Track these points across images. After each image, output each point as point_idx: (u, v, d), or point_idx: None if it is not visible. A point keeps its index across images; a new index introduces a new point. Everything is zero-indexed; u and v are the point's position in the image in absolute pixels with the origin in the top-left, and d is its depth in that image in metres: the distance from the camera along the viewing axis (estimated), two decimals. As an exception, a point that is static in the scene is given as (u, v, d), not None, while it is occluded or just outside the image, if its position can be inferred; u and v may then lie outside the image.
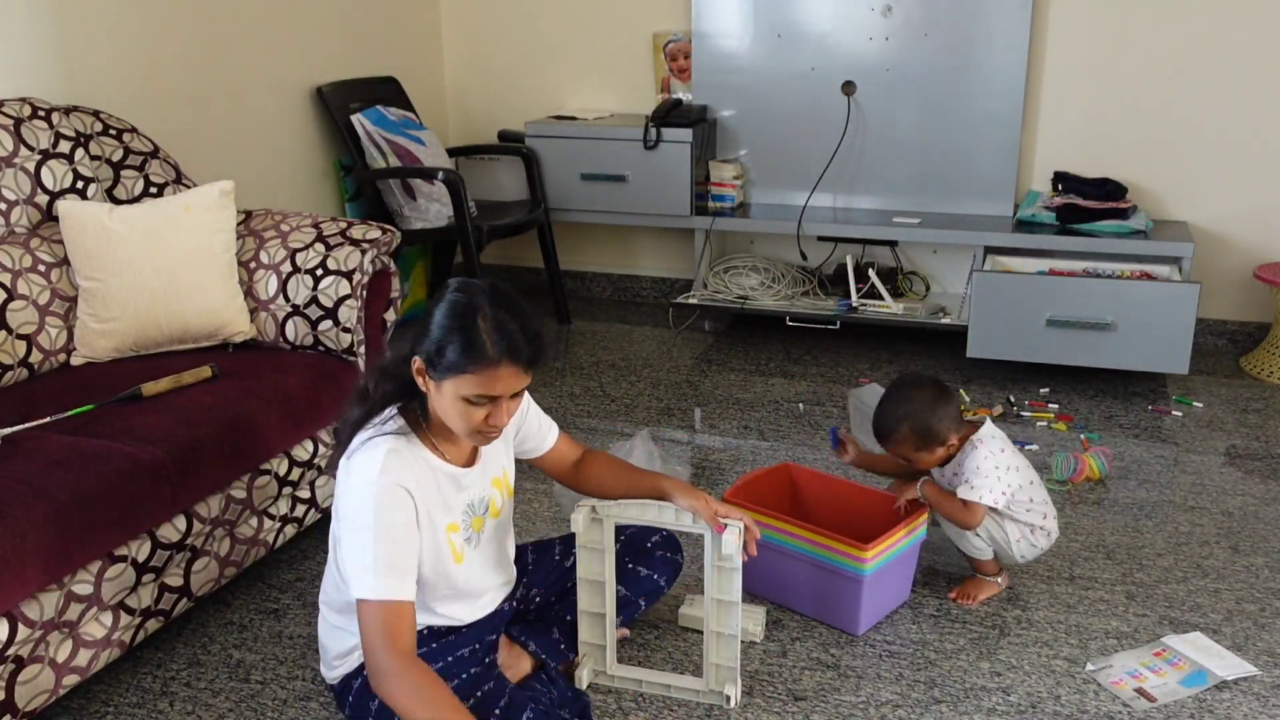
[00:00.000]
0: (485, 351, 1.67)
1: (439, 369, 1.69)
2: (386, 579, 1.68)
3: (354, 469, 1.74)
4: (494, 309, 1.69)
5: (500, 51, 4.54)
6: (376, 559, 1.68)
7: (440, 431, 1.82)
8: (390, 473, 1.71)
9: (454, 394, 1.70)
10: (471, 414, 1.72)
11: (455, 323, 1.68)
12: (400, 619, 1.68)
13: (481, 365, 1.67)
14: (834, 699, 2.06)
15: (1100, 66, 3.85)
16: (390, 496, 1.70)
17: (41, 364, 2.46)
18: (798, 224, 3.97)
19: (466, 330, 1.67)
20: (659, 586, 2.18)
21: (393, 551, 1.70)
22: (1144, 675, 2.11)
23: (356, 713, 1.88)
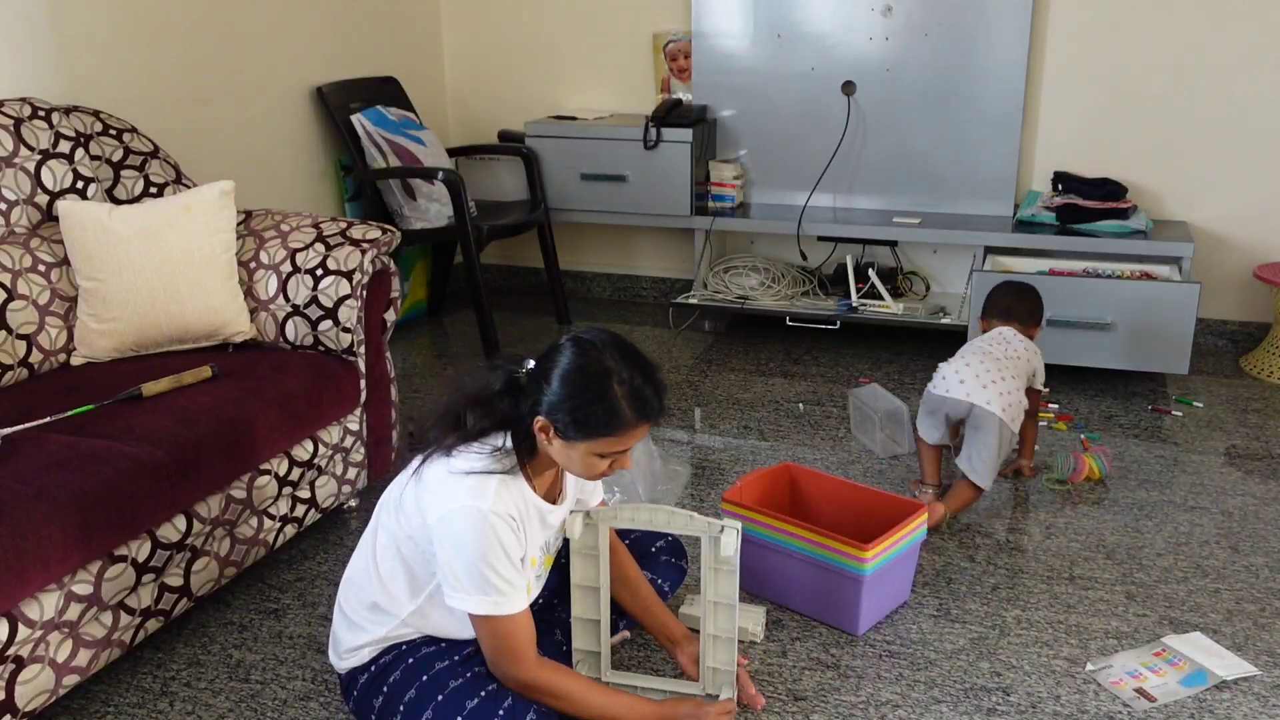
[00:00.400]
0: (625, 417, 1.71)
1: (573, 431, 1.72)
2: (495, 597, 1.74)
3: (457, 494, 1.74)
4: (626, 369, 1.72)
5: (500, 51, 4.54)
6: (487, 580, 1.73)
7: (539, 468, 1.84)
8: (500, 504, 1.74)
9: (587, 451, 1.74)
10: (599, 466, 1.77)
11: (592, 390, 1.70)
12: (516, 630, 1.78)
13: (621, 429, 1.72)
14: (834, 699, 2.06)
15: (1100, 66, 3.85)
16: (500, 525, 1.73)
17: (41, 364, 2.46)
18: (798, 224, 3.97)
19: (605, 399, 1.70)
20: (663, 591, 2.18)
21: (500, 575, 1.74)
22: (1144, 675, 2.11)
23: (360, 707, 1.89)
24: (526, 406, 1.76)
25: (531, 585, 1.87)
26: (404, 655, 1.86)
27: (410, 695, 1.80)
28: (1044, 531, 2.68)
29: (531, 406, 1.75)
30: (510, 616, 1.77)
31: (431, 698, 1.78)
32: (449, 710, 1.76)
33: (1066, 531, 2.67)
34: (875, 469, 3.02)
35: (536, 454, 1.81)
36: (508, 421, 1.79)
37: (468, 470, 1.75)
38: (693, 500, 2.84)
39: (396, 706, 1.81)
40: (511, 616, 1.77)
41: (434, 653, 1.85)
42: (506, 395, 1.79)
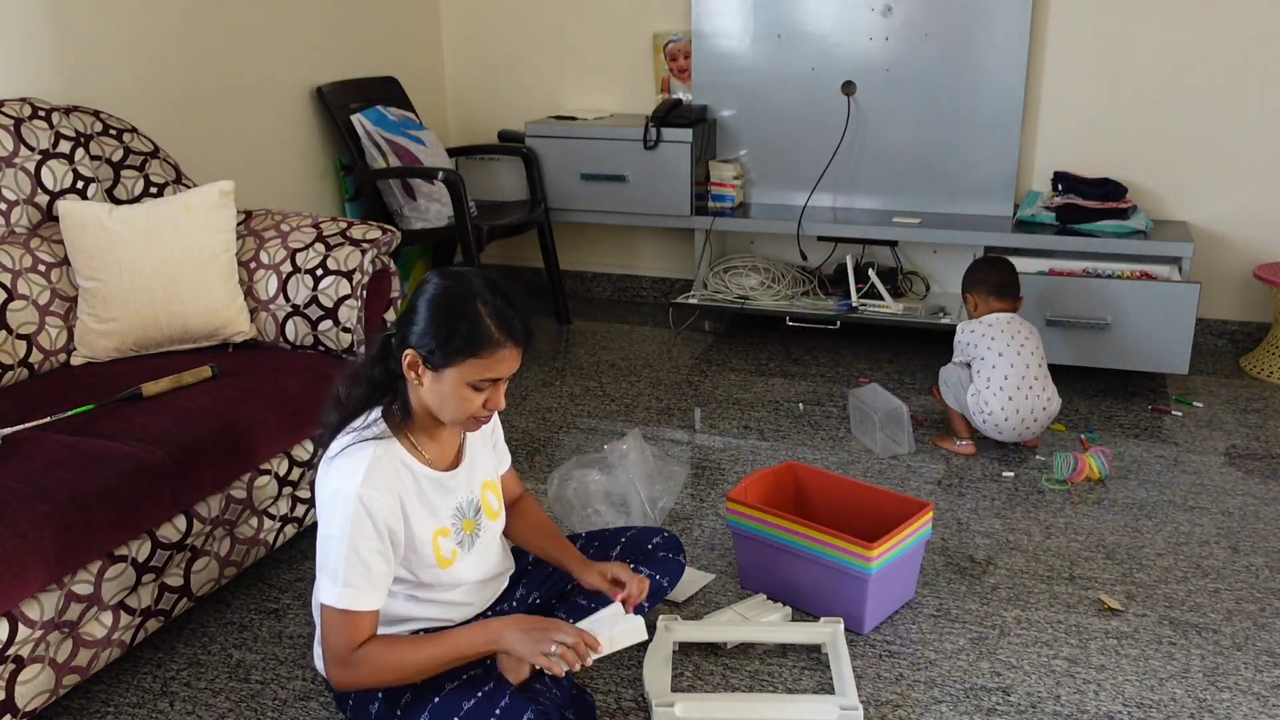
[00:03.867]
0: (491, 334, 1.70)
1: (440, 357, 1.71)
2: (351, 589, 1.72)
3: (332, 475, 1.75)
4: (489, 293, 1.73)
5: (500, 52, 4.54)
6: (346, 568, 1.72)
7: (422, 431, 1.83)
8: (370, 484, 1.72)
9: (457, 381, 1.72)
10: (472, 400, 1.74)
11: (456, 310, 1.70)
12: (361, 626, 1.74)
13: (488, 348, 1.70)
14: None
15: (1100, 66, 3.85)
16: (366, 508, 1.72)
17: (41, 364, 2.46)
18: (798, 224, 3.97)
19: (469, 316, 1.70)
20: (662, 587, 2.18)
21: (361, 563, 1.72)
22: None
23: (357, 714, 1.88)
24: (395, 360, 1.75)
25: (455, 555, 1.87)
26: None
27: (406, 698, 1.80)
28: (1044, 531, 2.68)
29: (399, 346, 1.74)
30: (358, 613, 1.73)
31: (427, 700, 1.77)
32: (445, 712, 1.75)
33: (1066, 531, 2.68)
34: (875, 469, 3.02)
35: (411, 418, 1.79)
36: (380, 387, 1.79)
37: (338, 450, 1.75)
38: (693, 500, 2.84)
39: (394, 711, 1.81)
40: (359, 613, 1.73)
41: None
42: (378, 362, 1.79)
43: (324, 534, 1.75)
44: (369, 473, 1.72)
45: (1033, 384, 3.00)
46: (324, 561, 1.75)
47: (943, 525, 2.70)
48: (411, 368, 1.74)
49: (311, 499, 2.52)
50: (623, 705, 2.03)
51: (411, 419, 1.81)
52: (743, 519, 2.35)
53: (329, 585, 1.74)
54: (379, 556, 1.75)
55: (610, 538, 2.22)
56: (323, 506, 1.76)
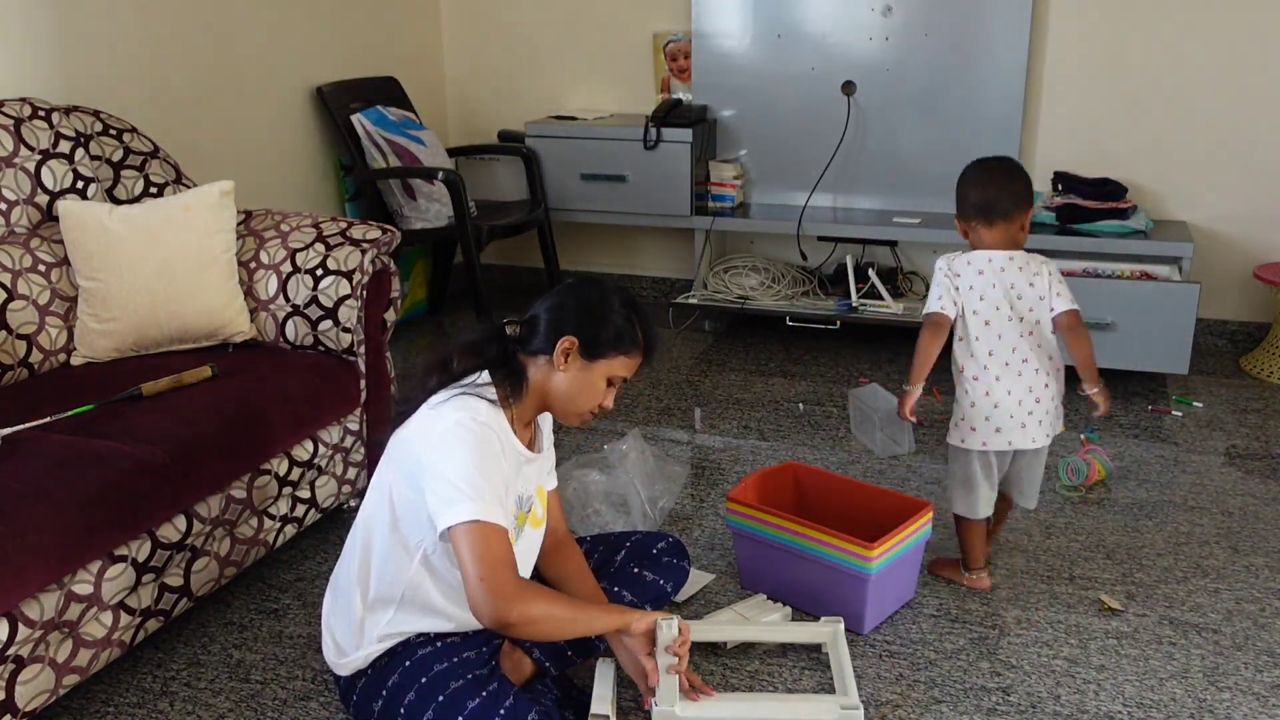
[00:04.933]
0: (638, 338, 1.90)
1: (596, 348, 1.85)
2: (488, 503, 1.73)
3: (448, 412, 1.78)
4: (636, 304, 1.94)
5: (500, 51, 4.54)
6: (480, 485, 1.73)
7: (523, 414, 1.90)
8: (489, 421, 1.79)
9: (603, 374, 1.87)
10: (601, 394, 1.89)
11: (616, 310, 1.88)
12: (505, 541, 1.75)
13: (634, 349, 1.89)
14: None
15: (1100, 66, 3.85)
16: (489, 436, 1.78)
17: (41, 364, 2.46)
18: (798, 224, 3.97)
19: (628, 318, 1.88)
20: (665, 592, 2.18)
21: (490, 482, 1.75)
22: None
23: (360, 711, 1.88)
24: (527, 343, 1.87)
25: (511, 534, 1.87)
26: (402, 657, 1.85)
27: (410, 698, 1.80)
28: (1044, 531, 2.68)
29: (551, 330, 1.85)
30: (498, 526, 1.73)
31: (432, 699, 1.77)
32: (449, 711, 1.75)
33: (1066, 531, 2.67)
34: (875, 469, 3.02)
35: (521, 397, 1.87)
36: (494, 364, 1.87)
37: (450, 397, 1.80)
38: (693, 500, 2.84)
39: (396, 709, 1.81)
40: (499, 527, 1.73)
41: (432, 654, 1.85)
42: (495, 341, 1.89)
43: (448, 460, 1.73)
44: (489, 413, 1.80)
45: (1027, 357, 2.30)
46: (451, 486, 1.72)
47: (943, 525, 2.70)
48: (565, 353, 1.85)
49: (311, 499, 2.52)
50: (623, 705, 2.03)
51: (519, 401, 1.88)
52: (743, 519, 2.35)
53: (463, 504, 1.71)
54: (501, 482, 1.78)
55: (615, 542, 2.22)
56: (442, 438, 1.75)
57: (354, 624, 1.89)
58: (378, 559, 1.86)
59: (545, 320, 1.87)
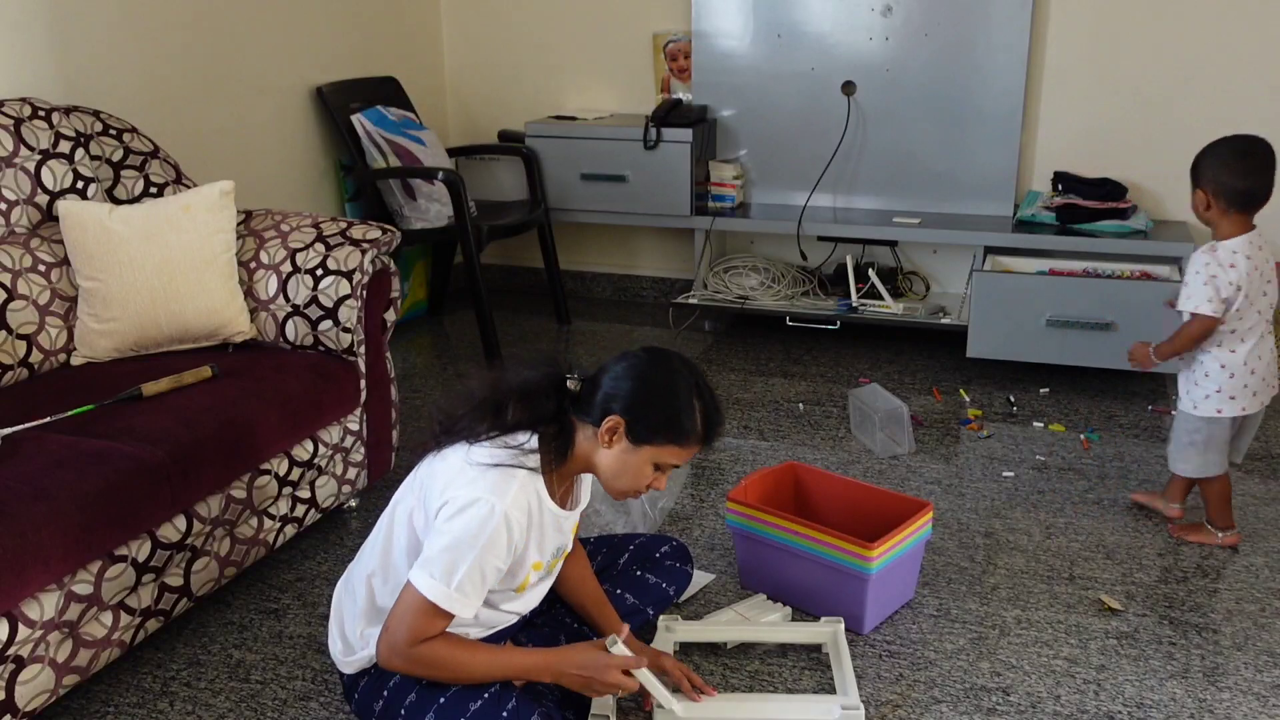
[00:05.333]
0: (697, 430, 1.78)
1: (645, 434, 1.76)
2: (460, 595, 1.70)
3: (482, 484, 1.72)
4: (702, 387, 1.80)
5: (500, 51, 4.54)
6: (466, 574, 1.70)
7: (563, 473, 1.84)
8: (517, 507, 1.73)
9: (648, 458, 1.78)
10: (647, 477, 1.80)
11: (675, 395, 1.76)
12: (436, 628, 1.73)
13: (690, 441, 1.78)
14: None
15: (1100, 66, 3.85)
16: (509, 528, 1.72)
17: (41, 364, 2.46)
18: (798, 224, 3.97)
19: (685, 409, 1.76)
20: (668, 596, 2.18)
21: (480, 574, 1.72)
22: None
23: (362, 710, 1.88)
24: (584, 410, 1.79)
25: (531, 583, 1.87)
26: None
27: (411, 699, 1.80)
28: (1044, 531, 2.68)
29: (600, 407, 1.77)
30: (446, 614, 1.73)
31: (434, 700, 1.77)
32: (452, 713, 1.75)
33: (1066, 531, 2.68)
34: (875, 469, 3.02)
35: (567, 459, 1.81)
36: (544, 420, 1.80)
37: (494, 463, 1.74)
38: (693, 500, 2.84)
39: (398, 710, 1.81)
40: (444, 615, 1.73)
41: None
42: (552, 395, 1.81)
43: (455, 532, 1.71)
44: (518, 495, 1.73)
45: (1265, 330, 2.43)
46: (442, 557, 1.70)
47: (943, 525, 2.70)
48: (611, 430, 1.77)
49: (311, 499, 2.52)
50: (623, 705, 2.03)
51: (565, 463, 1.82)
52: (743, 519, 2.35)
53: (438, 582, 1.70)
54: (496, 573, 1.75)
55: (618, 545, 2.22)
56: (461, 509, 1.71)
57: (364, 625, 1.88)
58: (397, 573, 1.85)
59: (602, 390, 1.79)
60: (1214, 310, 2.39)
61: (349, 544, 2.64)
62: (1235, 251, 2.40)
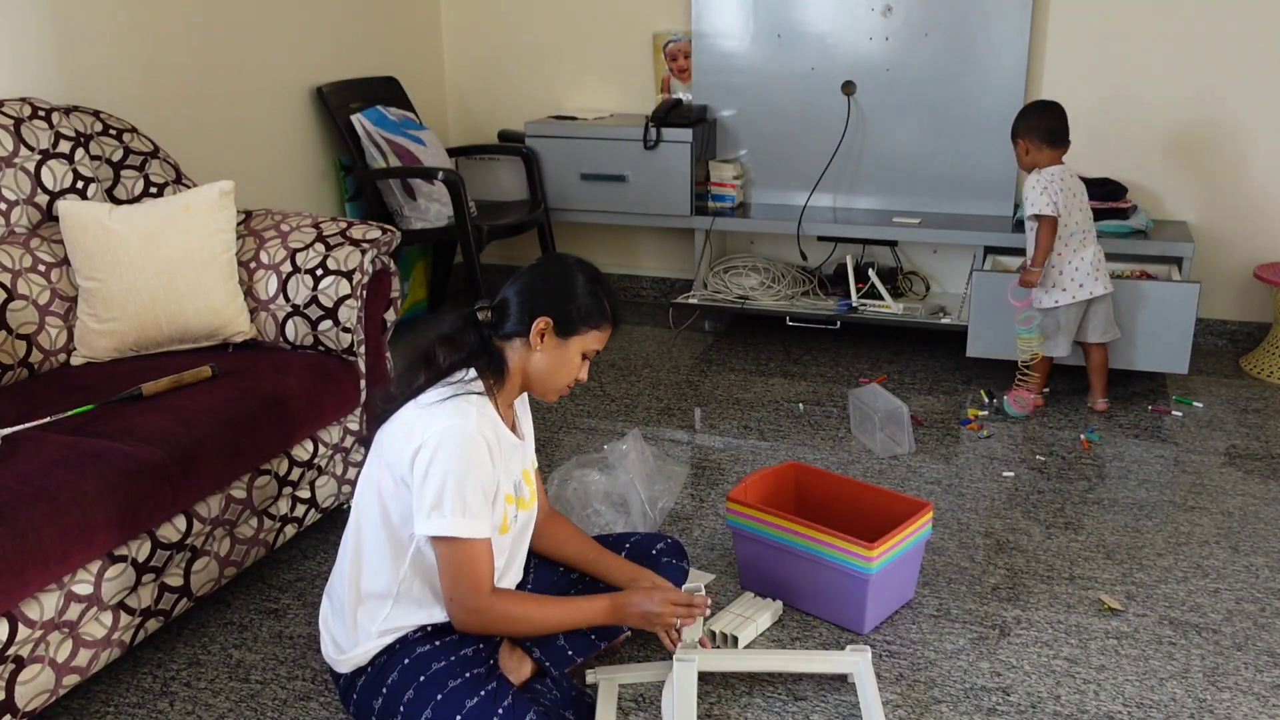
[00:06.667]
0: (608, 312, 1.95)
1: (570, 326, 1.90)
2: (470, 519, 1.78)
3: (440, 416, 1.80)
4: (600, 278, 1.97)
5: (500, 51, 4.54)
6: (466, 498, 1.77)
7: (506, 399, 1.95)
8: (482, 425, 1.82)
9: (576, 349, 1.92)
10: (577, 369, 1.94)
11: (585, 286, 1.92)
12: (483, 557, 1.81)
13: (604, 323, 1.94)
14: (834, 699, 2.06)
15: (1100, 67, 3.85)
16: (484, 442, 1.81)
17: (41, 364, 2.46)
18: (798, 224, 3.97)
19: (596, 293, 1.93)
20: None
21: (478, 494, 1.79)
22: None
23: (360, 710, 1.89)
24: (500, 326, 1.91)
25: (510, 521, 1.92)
26: (400, 655, 1.85)
27: (409, 695, 1.80)
28: (1044, 531, 2.68)
29: (525, 312, 1.89)
30: (476, 540, 1.80)
31: (430, 697, 1.78)
32: (448, 709, 1.75)
33: (1066, 531, 2.68)
34: (875, 469, 3.02)
35: (503, 383, 1.91)
36: (474, 353, 1.90)
37: (443, 398, 1.82)
38: (693, 500, 2.84)
39: (396, 707, 1.81)
40: (477, 540, 1.80)
41: (431, 652, 1.85)
42: (470, 330, 1.92)
43: (439, 468, 1.77)
44: (479, 416, 1.82)
45: (1088, 230, 3.24)
46: (437, 496, 1.77)
47: (943, 525, 2.70)
48: (540, 333, 1.89)
49: (311, 499, 2.52)
50: (623, 705, 2.03)
51: (503, 385, 1.92)
52: (743, 519, 2.35)
53: (449, 518, 1.77)
54: (488, 492, 1.82)
55: (614, 543, 2.22)
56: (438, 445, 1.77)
57: (350, 620, 1.89)
58: (371, 554, 1.88)
59: (516, 303, 1.91)
60: (1053, 210, 3.16)
61: (349, 544, 2.64)
62: (1053, 175, 3.20)
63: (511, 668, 1.99)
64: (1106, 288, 3.27)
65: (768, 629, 2.28)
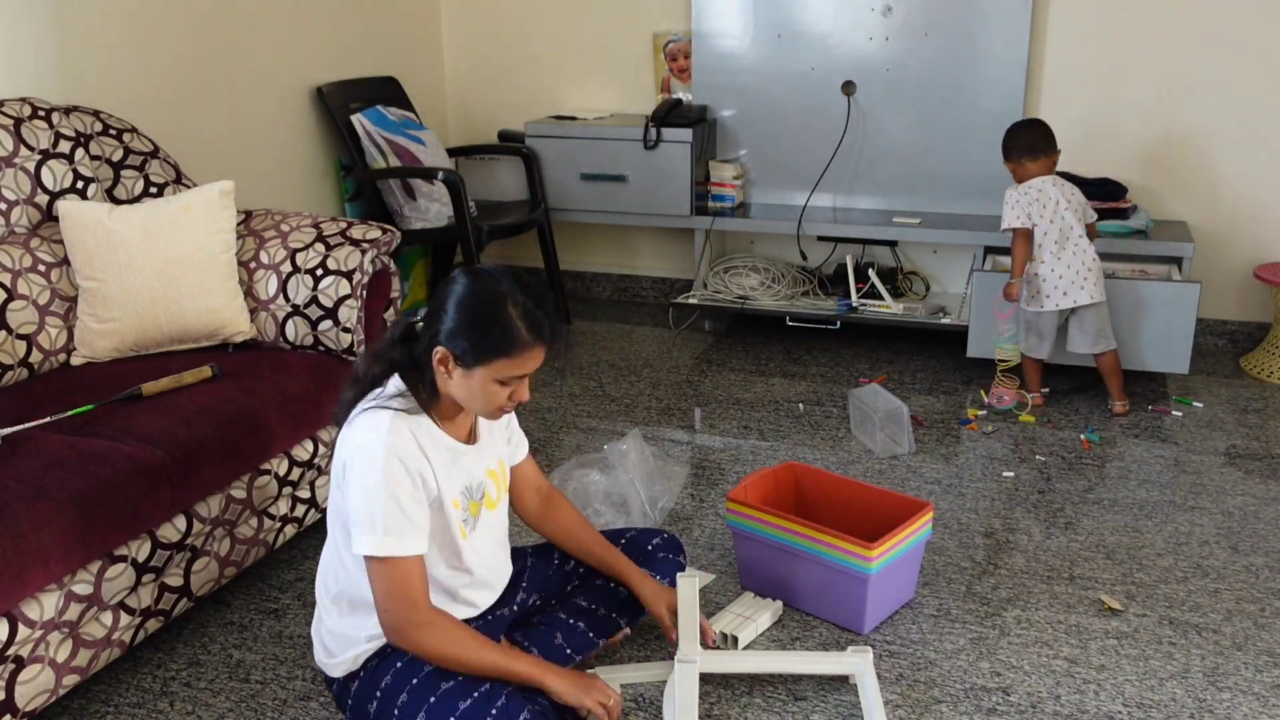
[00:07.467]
0: (521, 336, 1.75)
1: (472, 358, 1.76)
2: (391, 536, 1.74)
3: (355, 432, 1.78)
4: (520, 293, 1.77)
5: (500, 51, 4.54)
6: (385, 515, 1.74)
7: (444, 411, 1.87)
8: (395, 434, 1.77)
9: (485, 378, 1.77)
10: (499, 395, 1.80)
11: (488, 312, 1.75)
12: (411, 574, 1.77)
13: (517, 348, 1.76)
14: (834, 699, 2.06)
15: (1100, 67, 3.85)
16: (397, 454, 1.76)
17: (41, 364, 2.46)
18: (798, 224, 3.97)
19: (500, 319, 1.75)
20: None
21: (399, 508, 1.75)
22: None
23: (356, 715, 1.88)
24: (422, 346, 1.80)
25: (463, 529, 1.89)
26: (393, 658, 1.85)
27: (403, 698, 1.80)
28: (1044, 531, 2.68)
29: (429, 341, 1.79)
30: (404, 559, 1.76)
31: (424, 699, 1.78)
32: (441, 712, 1.75)
33: (1066, 531, 2.68)
34: (875, 469, 3.02)
35: (438, 395, 1.84)
36: (399, 367, 1.84)
37: (361, 411, 1.80)
38: (693, 500, 2.84)
39: (391, 710, 1.81)
40: (405, 559, 1.76)
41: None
42: (400, 343, 1.85)
43: (355, 487, 1.76)
44: (393, 425, 1.77)
45: (1077, 241, 3.23)
46: (359, 515, 1.75)
47: (943, 525, 2.70)
48: (442, 363, 1.78)
49: (311, 499, 2.52)
50: (623, 705, 2.03)
51: (437, 399, 1.85)
52: (743, 519, 2.35)
53: (369, 535, 1.74)
54: (414, 503, 1.78)
55: (610, 539, 2.22)
56: (350, 462, 1.77)
57: (337, 628, 1.90)
58: (347, 566, 1.87)
59: (429, 327, 1.80)
60: (1022, 222, 3.26)
61: (349, 544, 2.64)
62: (1028, 188, 3.28)
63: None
64: (1094, 297, 3.25)
65: (768, 629, 2.28)
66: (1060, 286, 3.25)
